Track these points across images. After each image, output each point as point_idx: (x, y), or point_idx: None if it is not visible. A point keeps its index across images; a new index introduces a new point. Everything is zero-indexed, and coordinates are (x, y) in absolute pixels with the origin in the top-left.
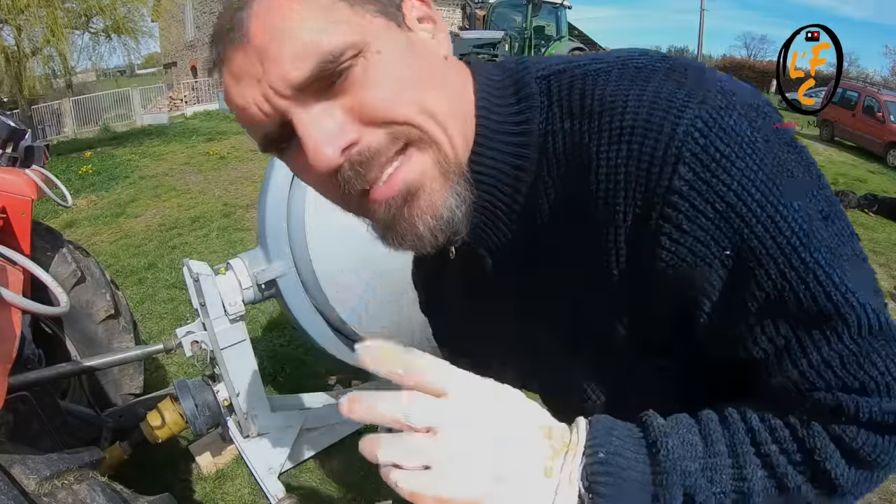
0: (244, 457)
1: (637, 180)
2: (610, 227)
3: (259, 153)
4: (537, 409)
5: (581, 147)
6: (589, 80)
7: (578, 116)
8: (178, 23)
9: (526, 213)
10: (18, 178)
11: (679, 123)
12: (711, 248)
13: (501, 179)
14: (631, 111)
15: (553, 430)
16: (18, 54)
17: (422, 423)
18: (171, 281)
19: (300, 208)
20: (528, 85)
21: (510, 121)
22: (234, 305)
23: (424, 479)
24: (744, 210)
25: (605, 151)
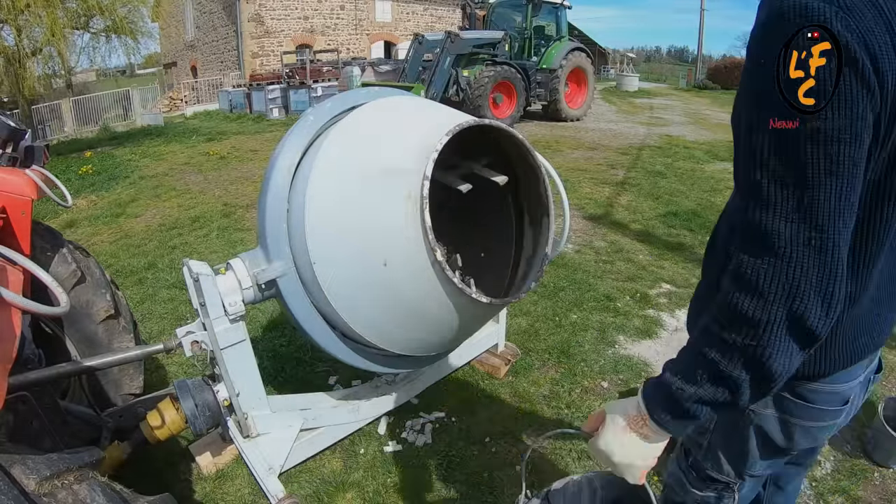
0: (244, 457)
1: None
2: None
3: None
4: (616, 422)
5: None
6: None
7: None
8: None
9: None
10: (18, 178)
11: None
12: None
13: None
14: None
15: (630, 425)
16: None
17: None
18: (171, 281)
19: (300, 208)
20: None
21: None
22: (234, 305)
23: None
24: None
25: None
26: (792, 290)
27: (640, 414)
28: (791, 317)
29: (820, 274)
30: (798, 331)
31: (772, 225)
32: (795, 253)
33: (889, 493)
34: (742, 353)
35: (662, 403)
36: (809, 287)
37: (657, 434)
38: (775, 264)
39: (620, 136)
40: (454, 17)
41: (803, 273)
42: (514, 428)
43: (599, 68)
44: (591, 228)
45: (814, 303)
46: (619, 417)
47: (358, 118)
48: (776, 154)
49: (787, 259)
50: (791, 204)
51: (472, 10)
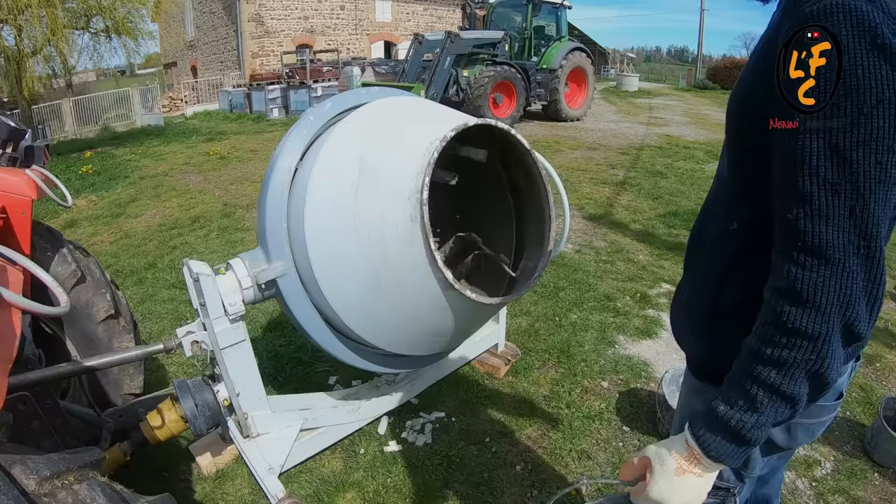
0: (244, 457)
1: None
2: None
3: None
4: (667, 465)
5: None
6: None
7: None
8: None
9: None
10: (18, 178)
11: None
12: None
13: None
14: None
15: (681, 468)
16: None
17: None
18: (171, 281)
19: (300, 208)
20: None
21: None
22: (234, 305)
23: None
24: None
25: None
26: (846, 299)
27: (691, 454)
28: (845, 325)
29: (867, 280)
30: (849, 337)
31: (825, 235)
32: (848, 262)
33: (889, 493)
34: (803, 368)
35: (722, 438)
36: (860, 294)
37: (710, 469)
38: (831, 275)
39: (620, 136)
40: (454, 17)
41: (854, 280)
42: (514, 428)
43: (599, 68)
44: (591, 228)
45: (863, 309)
46: (669, 461)
47: (358, 118)
48: (828, 160)
49: (842, 268)
50: (843, 212)
51: (472, 10)
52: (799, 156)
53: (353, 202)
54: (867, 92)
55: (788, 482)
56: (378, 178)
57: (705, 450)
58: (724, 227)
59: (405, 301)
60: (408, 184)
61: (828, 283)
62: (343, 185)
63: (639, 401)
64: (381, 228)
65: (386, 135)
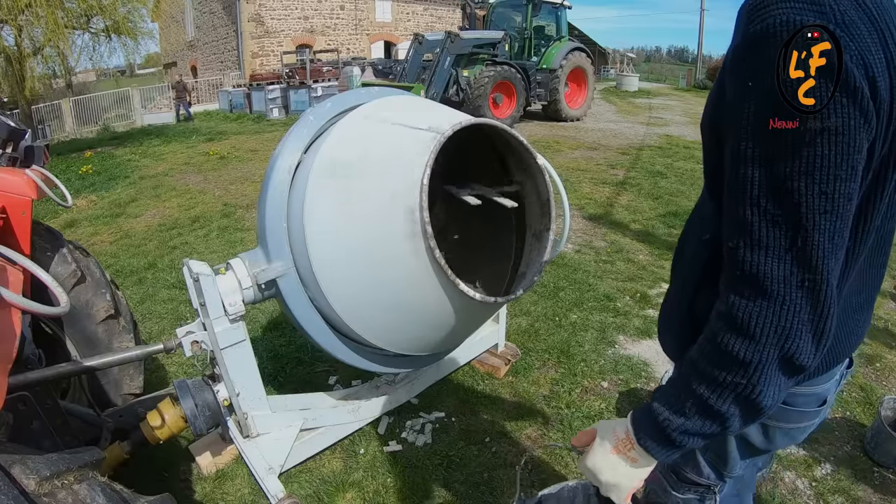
0: (244, 457)
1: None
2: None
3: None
4: (604, 445)
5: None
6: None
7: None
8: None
9: None
10: (18, 178)
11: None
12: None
13: None
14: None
15: (617, 447)
16: (19, 54)
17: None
18: (171, 281)
19: (300, 208)
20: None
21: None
22: (234, 305)
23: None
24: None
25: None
26: (784, 331)
27: (628, 437)
28: (783, 356)
29: (813, 313)
30: (789, 368)
31: (763, 266)
32: (789, 295)
33: (889, 493)
34: (732, 391)
35: (650, 431)
36: (802, 327)
37: (643, 458)
38: (767, 307)
39: (620, 136)
40: (454, 17)
41: (796, 314)
42: (514, 428)
43: (599, 68)
44: (591, 228)
45: (805, 341)
46: (607, 439)
47: (357, 118)
48: (768, 191)
49: (780, 301)
50: (784, 244)
51: (472, 10)
52: (741, 184)
53: (353, 202)
54: (815, 117)
55: (788, 482)
56: (378, 178)
57: (637, 437)
58: (699, 236)
59: (406, 300)
60: (408, 184)
61: (764, 315)
62: (342, 184)
63: (639, 401)
64: (381, 228)
65: (386, 134)
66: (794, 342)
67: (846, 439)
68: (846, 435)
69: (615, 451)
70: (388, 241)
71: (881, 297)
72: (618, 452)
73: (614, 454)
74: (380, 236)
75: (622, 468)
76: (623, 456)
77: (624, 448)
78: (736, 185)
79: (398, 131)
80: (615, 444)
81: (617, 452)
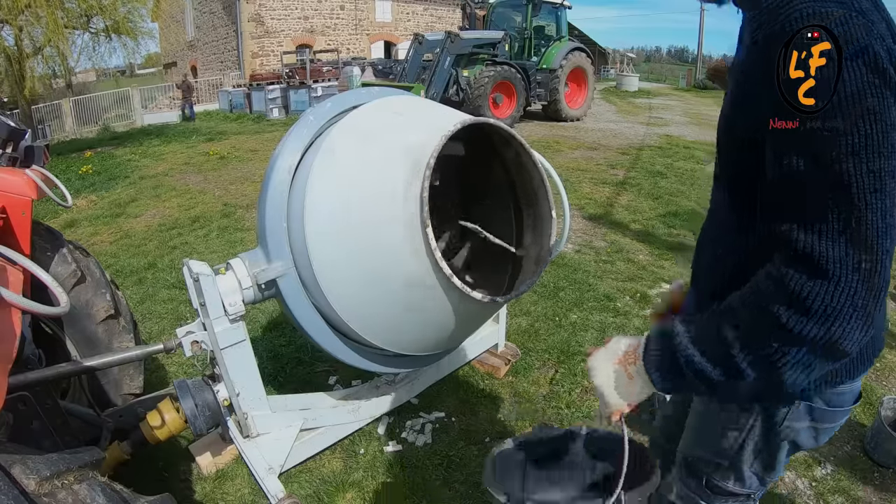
0: (244, 457)
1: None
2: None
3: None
4: (605, 353)
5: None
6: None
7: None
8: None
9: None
10: (18, 178)
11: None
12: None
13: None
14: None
15: (623, 359)
16: (19, 54)
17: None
18: (171, 281)
19: (300, 208)
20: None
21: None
22: (234, 305)
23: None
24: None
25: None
26: (835, 312)
27: (634, 353)
28: (827, 338)
29: (867, 297)
30: (830, 351)
31: (819, 247)
32: (844, 276)
33: (889, 493)
34: (759, 353)
35: (659, 351)
36: (854, 310)
37: (640, 378)
38: (822, 286)
39: (620, 136)
40: (454, 17)
41: (850, 296)
42: (515, 428)
43: (599, 68)
44: (591, 228)
45: (855, 326)
46: (615, 348)
47: (357, 118)
48: (818, 175)
49: (836, 282)
50: (837, 226)
51: (472, 10)
52: (789, 172)
53: (354, 202)
54: (854, 99)
55: (788, 482)
56: (378, 178)
57: (644, 349)
58: (713, 252)
59: (406, 300)
60: (408, 184)
61: (817, 292)
62: (343, 184)
63: None
64: (381, 228)
65: (386, 134)
66: (843, 325)
67: (846, 439)
68: (846, 435)
69: (618, 361)
70: (388, 241)
71: None
72: (619, 363)
73: (615, 364)
74: (380, 236)
75: (617, 379)
76: (622, 368)
77: (626, 361)
78: (783, 172)
79: (398, 131)
80: (620, 354)
81: (619, 363)
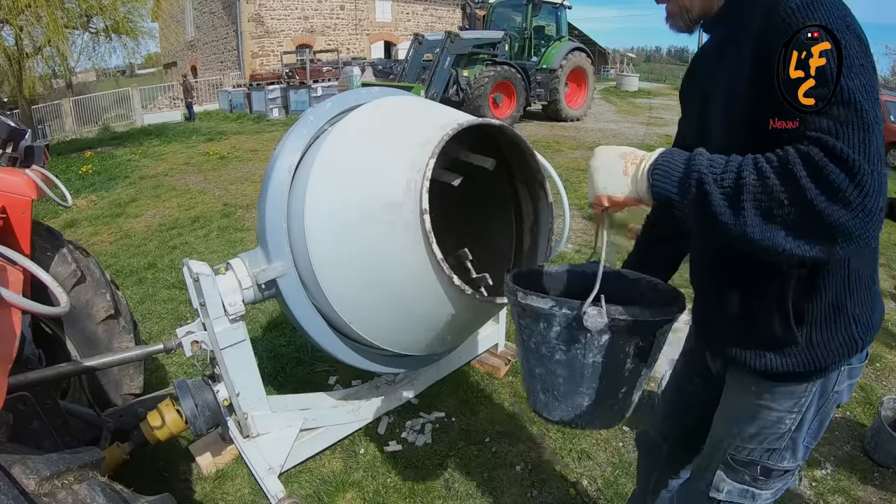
0: (244, 457)
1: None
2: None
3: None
4: (614, 149)
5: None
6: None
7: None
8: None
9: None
10: (18, 178)
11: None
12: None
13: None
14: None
15: (627, 155)
16: (19, 54)
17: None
18: (171, 281)
19: (300, 208)
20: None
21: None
22: (234, 305)
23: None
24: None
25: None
26: (844, 196)
27: (639, 156)
28: (829, 213)
29: (876, 197)
30: (825, 229)
31: (842, 151)
32: (861, 169)
33: (889, 493)
34: (766, 208)
35: (673, 162)
36: (864, 199)
37: (633, 178)
38: (843, 169)
39: (620, 135)
40: (454, 17)
41: (859, 187)
42: (514, 428)
43: (599, 68)
44: (590, 228)
45: (857, 213)
46: (630, 149)
47: (357, 118)
48: (843, 104)
49: (856, 170)
50: (855, 142)
51: (472, 10)
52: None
53: (354, 202)
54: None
55: None
56: (378, 178)
57: (656, 158)
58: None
59: (406, 300)
60: (408, 184)
61: (836, 173)
62: (342, 184)
63: (638, 401)
64: (381, 228)
65: (385, 134)
66: (845, 210)
67: (846, 439)
68: (846, 435)
69: (622, 156)
70: (388, 241)
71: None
72: (622, 158)
73: (618, 157)
74: (380, 237)
75: (612, 169)
76: (623, 162)
77: (629, 160)
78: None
79: (398, 132)
80: (626, 153)
81: (621, 158)
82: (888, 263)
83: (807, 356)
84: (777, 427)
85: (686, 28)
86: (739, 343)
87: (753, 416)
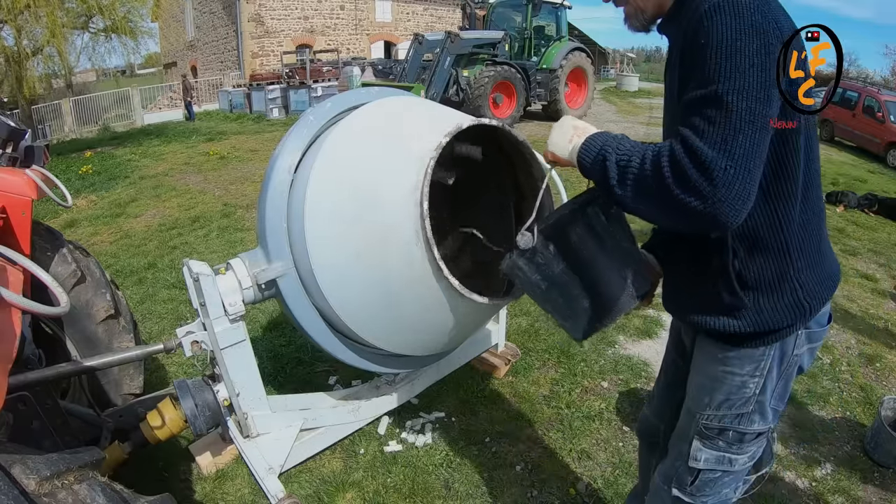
0: (244, 457)
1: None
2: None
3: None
4: (574, 121)
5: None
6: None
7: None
8: (178, 23)
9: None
10: (18, 178)
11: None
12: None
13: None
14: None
15: (578, 128)
16: (18, 54)
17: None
18: (171, 281)
19: (300, 208)
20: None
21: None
22: (234, 305)
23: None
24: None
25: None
26: (693, 187)
27: (586, 131)
28: (679, 197)
29: (735, 181)
30: (674, 209)
31: (703, 146)
32: (714, 168)
33: (889, 493)
34: (641, 187)
35: (596, 140)
36: (713, 192)
37: (575, 146)
38: (696, 165)
39: None
40: (454, 17)
41: (707, 181)
42: (514, 428)
43: (599, 68)
44: None
45: (698, 204)
46: (584, 123)
47: (357, 119)
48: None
49: (704, 168)
50: (718, 138)
51: (472, 10)
52: (695, 96)
53: (354, 203)
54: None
55: (788, 482)
56: (378, 178)
57: (588, 135)
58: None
59: (406, 301)
60: (408, 185)
61: (692, 168)
62: (342, 185)
63: (639, 401)
64: (381, 229)
65: (386, 135)
66: (700, 197)
67: (846, 439)
68: (846, 435)
69: (574, 128)
70: (388, 242)
71: (881, 297)
72: (573, 129)
73: (571, 128)
74: (380, 238)
75: (564, 134)
76: (571, 133)
77: (577, 132)
78: (692, 98)
79: (398, 132)
80: (578, 126)
81: (573, 129)
82: (888, 263)
83: (756, 318)
84: (742, 391)
85: (643, 28)
86: (699, 310)
87: (720, 383)
